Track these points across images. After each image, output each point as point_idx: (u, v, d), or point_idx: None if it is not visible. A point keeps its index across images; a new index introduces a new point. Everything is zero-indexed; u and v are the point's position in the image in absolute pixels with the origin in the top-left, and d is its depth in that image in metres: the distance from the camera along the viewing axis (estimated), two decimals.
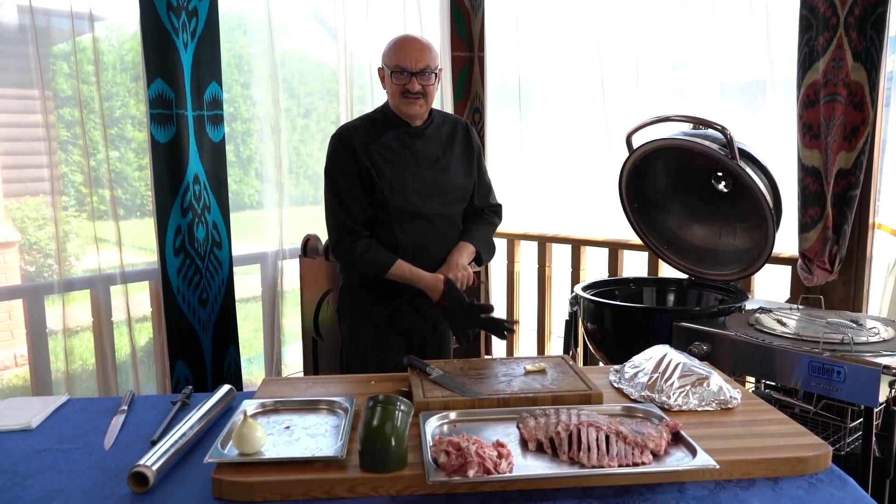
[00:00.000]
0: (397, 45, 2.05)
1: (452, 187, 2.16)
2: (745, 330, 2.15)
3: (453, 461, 1.22)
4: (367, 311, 2.16)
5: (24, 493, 1.28)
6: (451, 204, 2.16)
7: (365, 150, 2.06)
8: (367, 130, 2.10)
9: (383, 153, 2.07)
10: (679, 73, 3.24)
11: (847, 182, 2.45)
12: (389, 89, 2.08)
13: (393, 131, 2.10)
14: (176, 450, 1.37)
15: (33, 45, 2.45)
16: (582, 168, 3.62)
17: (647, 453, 1.28)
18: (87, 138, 2.60)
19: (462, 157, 2.20)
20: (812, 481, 1.29)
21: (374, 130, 2.10)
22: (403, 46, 2.04)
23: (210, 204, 2.81)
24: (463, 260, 2.13)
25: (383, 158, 2.07)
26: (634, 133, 2.57)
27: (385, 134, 2.09)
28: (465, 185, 2.20)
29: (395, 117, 2.11)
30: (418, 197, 2.09)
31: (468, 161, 2.21)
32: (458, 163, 2.18)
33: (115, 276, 2.71)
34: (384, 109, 2.15)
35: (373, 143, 2.07)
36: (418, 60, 2.03)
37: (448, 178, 2.15)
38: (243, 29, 3.07)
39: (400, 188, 2.07)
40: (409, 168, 2.09)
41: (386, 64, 2.07)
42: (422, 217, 2.10)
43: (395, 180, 2.07)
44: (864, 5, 2.32)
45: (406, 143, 2.11)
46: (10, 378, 3.27)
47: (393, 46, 2.06)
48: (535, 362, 1.76)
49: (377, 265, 2.06)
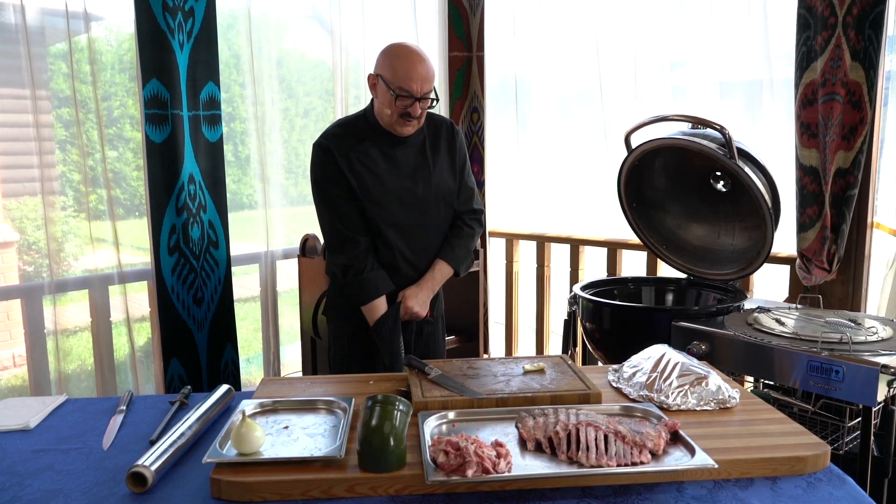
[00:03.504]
0: (403, 66, 1.91)
1: (435, 193, 2.10)
2: (744, 329, 2.15)
3: (452, 461, 1.22)
4: (351, 313, 2.12)
5: (23, 494, 1.28)
6: (431, 212, 2.10)
7: (345, 157, 2.01)
8: (346, 137, 2.03)
9: (364, 161, 2.02)
10: (677, 72, 3.24)
11: (845, 181, 2.45)
12: (386, 106, 1.97)
13: (373, 139, 2.04)
14: (175, 450, 1.36)
15: (30, 44, 2.45)
16: (580, 167, 3.62)
17: (645, 453, 1.28)
18: (86, 138, 2.60)
19: (447, 160, 2.13)
20: (811, 480, 1.29)
21: (354, 137, 2.03)
22: (410, 68, 1.91)
23: (206, 203, 2.81)
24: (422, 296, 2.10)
25: (364, 166, 2.02)
26: (633, 132, 2.57)
27: (365, 141, 2.03)
28: (449, 190, 2.14)
29: (376, 125, 2.04)
30: (398, 206, 2.04)
31: (452, 164, 2.14)
32: (443, 166, 2.12)
33: (114, 275, 2.71)
34: (366, 115, 2.07)
35: (353, 151, 2.01)
36: (423, 87, 1.93)
37: (429, 187, 2.08)
38: (242, 28, 3.06)
39: (377, 198, 2.02)
40: (388, 177, 2.04)
41: (387, 80, 1.93)
42: (409, 226, 2.07)
43: (374, 189, 2.02)
44: (863, 5, 2.32)
45: (386, 151, 2.04)
46: (8, 378, 3.27)
47: (398, 65, 1.92)
48: (533, 362, 1.76)
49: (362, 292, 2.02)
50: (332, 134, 2.06)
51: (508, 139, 3.84)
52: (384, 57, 1.98)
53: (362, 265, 2.03)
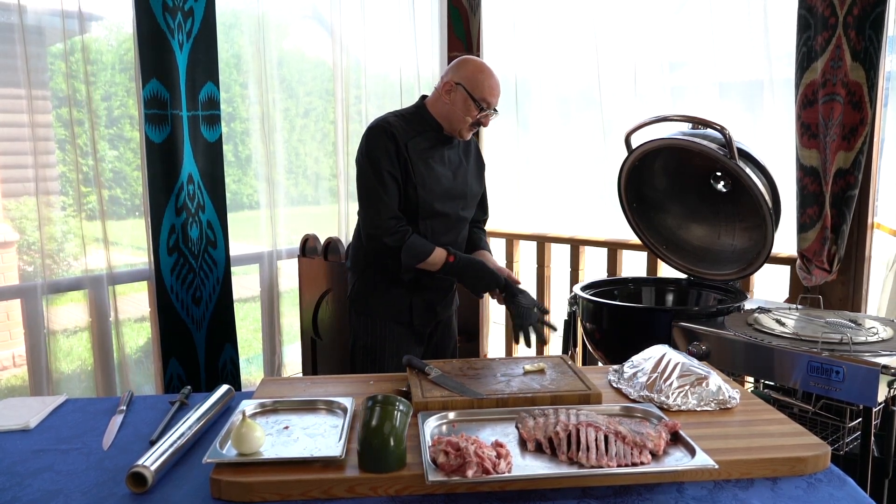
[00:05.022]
0: (489, 81, 2.12)
1: (470, 193, 2.28)
2: (744, 330, 2.15)
3: (452, 461, 1.22)
4: (386, 308, 2.21)
5: (23, 494, 1.28)
6: (468, 208, 2.29)
7: (404, 144, 2.11)
8: (404, 127, 2.13)
9: (419, 151, 2.13)
10: (678, 72, 3.24)
11: (846, 182, 2.45)
12: (463, 113, 2.12)
13: (428, 133, 2.16)
14: (175, 450, 1.36)
15: (30, 44, 2.45)
16: (580, 168, 3.62)
17: (645, 453, 1.28)
18: (86, 138, 2.60)
19: (475, 168, 2.33)
20: (811, 481, 1.29)
21: (411, 129, 2.14)
22: (494, 85, 2.13)
23: (205, 203, 2.81)
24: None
25: (419, 156, 2.12)
26: (633, 133, 2.57)
27: (421, 134, 2.15)
28: (477, 193, 2.33)
29: (431, 121, 2.17)
30: (444, 198, 2.17)
31: (478, 172, 2.35)
32: (472, 169, 2.31)
33: (114, 275, 2.71)
34: (419, 112, 2.19)
35: (410, 140, 2.12)
36: (498, 101, 2.16)
37: (467, 184, 2.26)
38: (242, 28, 3.06)
39: (430, 187, 2.13)
40: (439, 169, 2.17)
41: (470, 91, 2.10)
42: (444, 217, 2.18)
43: (427, 179, 2.13)
44: (863, 5, 2.32)
45: (437, 146, 2.18)
46: (8, 378, 3.26)
47: (484, 80, 2.12)
48: (533, 362, 1.76)
49: (424, 249, 2.09)
50: (390, 121, 2.14)
51: (508, 139, 3.84)
52: (467, 69, 2.15)
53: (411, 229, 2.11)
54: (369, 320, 2.23)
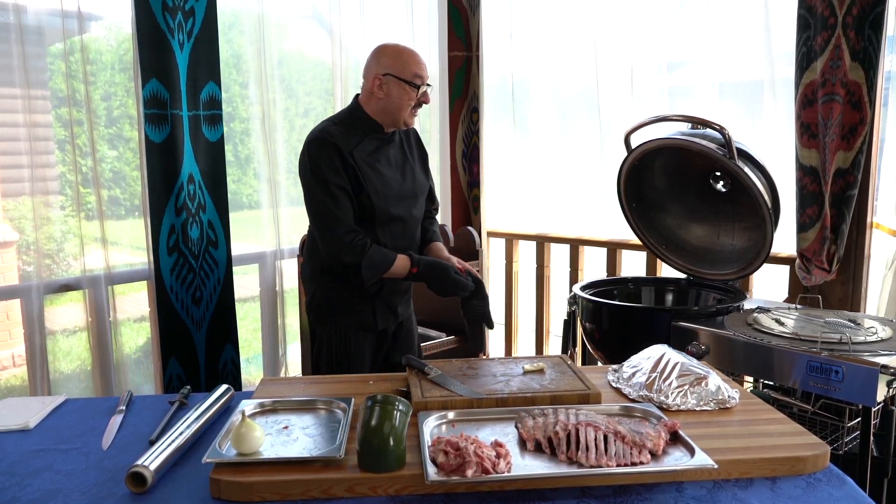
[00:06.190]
0: (409, 57, 2.05)
1: (420, 191, 2.22)
2: (744, 329, 2.15)
3: (452, 461, 1.22)
4: (348, 314, 2.16)
5: (22, 494, 1.28)
6: (418, 206, 2.23)
7: (349, 154, 2.04)
8: (345, 135, 2.06)
9: (365, 158, 2.07)
10: (677, 72, 3.24)
11: (845, 182, 2.45)
12: (403, 101, 2.05)
13: (369, 136, 2.10)
14: (174, 450, 1.36)
15: (29, 44, 2.45)
16: (580, 168, 3.61)
17: (645, 453, 1.28)
18: (86, 138, 2.60)
19: (419, 161, 2.27)
20: (810, 481, 1.29)
21: (352, 135, 2.07)
22: (415, 57, 2.06)
23: (205, 203, 2.81)
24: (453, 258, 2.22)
25: (366, 164, 2.06)
26: (633, 132, 2.57)
27: (363, 139, 2.08)
28: (425, 187, 2.28)
29: (368, 122, 2.10)
30: (397, 200, 2.12)
31: (423, 165, 2.29)
32: (416, 163, 2.25)
33: (113, 275, 2.71)
34: (354, 113, 2.12)
35: (354, 149, 2.05)
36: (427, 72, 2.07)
37: (414, 181, 2.20)
38: (242, 28, 3.06)
39: (383, 193, 2.08)
40: (387, 172, 2.11)
41: (397, 74, 2.03)
42: (399, 220, 2.14)
43: (378, 185, 2.07)
44: (863, 5, 2.32)
45: (380, 148, 2.12)
46: (7, 378, 3.26)
47: (406, 58, 2.05)
48: (533, 362, 1.76)
49: (384, 261, 2.05)
50: (330, 131, 2.06)
51: (507, 139, 3.84)
52: (386, 57, 2.07)
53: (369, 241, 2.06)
54: (332, 328, 2.19)
